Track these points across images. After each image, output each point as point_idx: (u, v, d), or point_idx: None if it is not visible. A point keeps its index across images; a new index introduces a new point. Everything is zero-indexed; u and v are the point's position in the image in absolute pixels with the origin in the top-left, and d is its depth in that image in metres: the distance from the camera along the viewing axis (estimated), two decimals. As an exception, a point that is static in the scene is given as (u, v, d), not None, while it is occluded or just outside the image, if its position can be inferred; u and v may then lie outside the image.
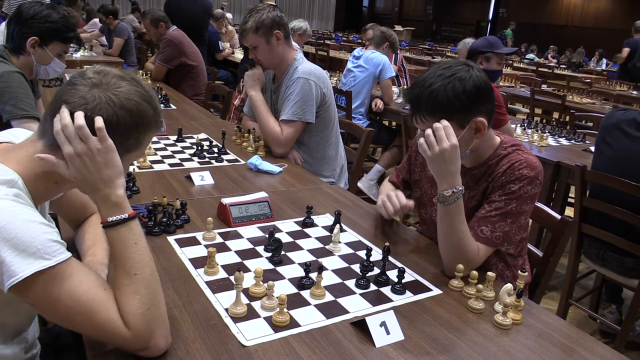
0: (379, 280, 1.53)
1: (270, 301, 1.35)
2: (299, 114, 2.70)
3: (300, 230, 1.86)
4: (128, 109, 1.12)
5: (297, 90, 2.69)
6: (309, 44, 11.69)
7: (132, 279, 1.10)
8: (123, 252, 1.12)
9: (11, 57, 2.52)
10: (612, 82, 8.97)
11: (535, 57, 15.13)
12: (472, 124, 1.61)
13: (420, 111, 1.62)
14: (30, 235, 1.00)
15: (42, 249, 1.01)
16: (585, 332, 1.41)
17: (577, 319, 3.15)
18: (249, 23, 2.68)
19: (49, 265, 1.01)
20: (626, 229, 2.43)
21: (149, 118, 1.17)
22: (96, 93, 1.11)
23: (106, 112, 1.10)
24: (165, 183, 2.20)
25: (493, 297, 1.49)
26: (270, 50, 2.73)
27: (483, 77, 1.62)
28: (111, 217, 1.13)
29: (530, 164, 1.67)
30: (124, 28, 7.28)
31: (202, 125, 3.31)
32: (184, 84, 4.79)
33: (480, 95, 1.59)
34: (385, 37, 5.11)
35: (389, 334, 1.28)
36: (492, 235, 1.65)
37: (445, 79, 1.58)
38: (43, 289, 1.01)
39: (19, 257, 0.98)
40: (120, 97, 1.12)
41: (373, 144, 5.31)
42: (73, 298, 1.03)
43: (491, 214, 1.66)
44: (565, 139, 4.07)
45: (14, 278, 0.98)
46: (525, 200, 1.66)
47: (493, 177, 1.71)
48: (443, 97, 1.56)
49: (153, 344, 1.10)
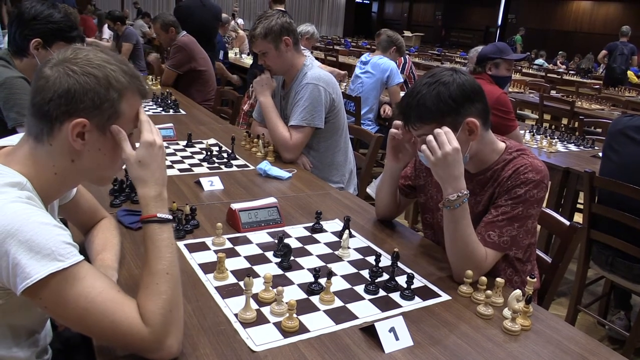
0: (388, 286, 1.53)
1: (279, 306, 1.36)
2: (307, 120, 2.71)
3: (310, 236, 1.86)
4: (90, 74, 1.12)
5: (306, 96, 2.71)
6: (318, 49, 11.74)
7: (164, 278, 1.13)
8: (161, 250, 1.15)
9: (14, 60, 2.47)
10: (621, 88, 8.94)
11: (544, 63, 15.09)
12: (465, 126, 1.63)
13: (410, 120, 1.66)
14: (44, 237, 1.02)
15: (56, 251, 1.02)
16: (594, 339, 1.40)
17: (585, 325, 3.14)
18: (258, 29, 2.69)
19: (63, 267, 1.01)
20: (635, 235, 2.42)
21: (121, 82, 1.16)
22: (57, 69, 1.12)
23: (68, 83, 1.10)
24: (174, 188, 2.22)
25: (502, 303, 1.49)
26: (279, 57, 2.75)
27: (468, 79, 1.64)
28: (161, 213, 1.18)
29: (535, 168, 1.67)
30: (132, 33, 7.32)
31: (212, 130, 3.32)
32: (192, 90, 4.81)
33: (465, 96, 1.62)
34: (392, 42, 5.11)
35: (398, 340, 1.28)
36: (500, 240, 1.66)
37: (430, 85, 1.62)
38: (56, 291, 1.02)
39: (34, 260, 0.99)
40: (80, 65, 1.12)
41: (382, 149, 5.31)
42: (87, 299, 1.04)
43: (498, 218, 1.67)
44: (574, 145, 4.06)
45: (28, 280, 0.99)
46: (531, 204, 1.66)
47: (499, 182, 1.71)
48: (429, 102, 1.60)
49: (167, 345, 1.11)
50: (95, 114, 1.13)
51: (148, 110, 3.65)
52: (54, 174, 1.17)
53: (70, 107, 1.11)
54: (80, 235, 1.58)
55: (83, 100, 1.11)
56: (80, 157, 1.17)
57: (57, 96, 1.10)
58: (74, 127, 1.12)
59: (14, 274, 1.00)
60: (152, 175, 1.20)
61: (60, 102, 1.10)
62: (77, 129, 1.12)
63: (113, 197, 2.00)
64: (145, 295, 1.11)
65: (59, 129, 1.12)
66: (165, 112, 3.77)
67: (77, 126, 1.12)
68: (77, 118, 1.12)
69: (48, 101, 1.11)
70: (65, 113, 1.11)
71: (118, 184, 2.02)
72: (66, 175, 1.19)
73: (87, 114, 1.12)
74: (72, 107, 1.11)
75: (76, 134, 1.12)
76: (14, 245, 0.99)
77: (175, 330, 1.13)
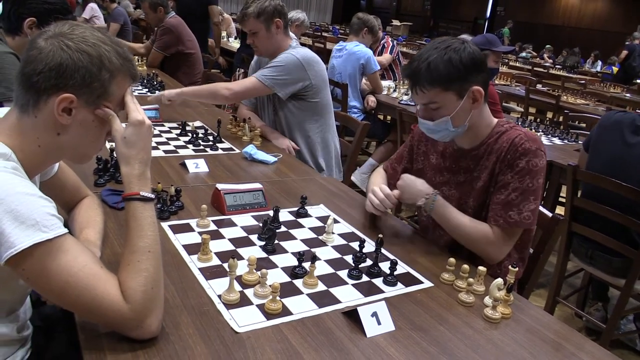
0: (372, 272, 1.54)
1: (263, 289, 1.36)
2: (268, 78, 2.72)
3: (294, 220, 1.86)
4: (85, 51, 1.12)
5: (280, 60, 2.74)
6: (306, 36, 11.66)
7: (145, 255, 1.13)
8: (144, 227, 1.16)
9: (6, 37, 2.46)
10: (606, 84, 9.04)
11: (529, 55, 15.22)
12: (470, 93, 1.68)
13: (419, 83, 1.68)
14: (30, 207, 1.01)
15: (41, 222, 1.01)
16: (569, 327, 1.43)
17: (563, 316, 3.18)
18: (251, 8, 2.70)
19: (47, 238, 1.01)
20: (615, 229, 2.46)
21: (114, 63, 1.16)
22: (51, 42, 1.12)
23: (61, 57, 1.10)
24: (159, 169, 2.20)
25: (483, 292, 1.51)
26: (269, 38, 2.76)
27: (477, 49, 1.71)
28: (144, 192, 1.18)
29: (530, 137, 1.72)
30: (120, 13, 7.20)
31: (198, 113, 3.30)
32: (179, 72, 4.77)
33: (475, 64, 1.68)
34: (363, 22, 4.96)
35: (380, 325, 1.29)
36: (520, 217, 1.69)
37: (441, 50, 1.67)
38: (40, 262, 1.02)
39: (18, 229, 0.99)
40: (75, 41, 1.12)
41: (368, 137, 5.29)
42: (70, 272, 1.04)
43: (512, 196, 1.70)
44: (558, 138, 4.10)
45: (12, 249, 0.98)
46: (537, 173, 1.70)
47: (498, 157, 1.74)
48: (441, 67, 1.64)
49: (147, 323, 1.11)
50: (84, 92, 1.13)
51: (134, 92, 3.60)
52: (38, 147, 1.17)
53: (60, 82, 1.11)
54: (63, 214, 1.56)
55: (74, 76, 1.11)
56: (65, 132, 1.16)
57: (48, 69, 1.10)
58: (61, 102, 1.11)
59: None
60: (137, 154, 1.20)
61: (51, 75, 1.10)
62: (64, 104, 1.12)
63: (97, 177, 1.98)
64: (126, 273, 1.11)
65: (45, 102, 1.12)
66: (151, 93, 3.73)
67: (64, 101, 1.11)
68: (64, 93, 1.11)
69: (38, 73, 1.10)
70: (53, 87, 1.11)
71: (102, 164, 2.00)
72: (50, 149, 1.18)
73: (76, 90, 1.12)
74: (61, 81, 1.11)
75: (62, 109, 1.12)
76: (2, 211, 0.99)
77: (156, 309, 1.13)
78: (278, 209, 1.78)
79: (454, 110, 1.69)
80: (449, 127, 1.72)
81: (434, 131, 1.76)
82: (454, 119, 1.70)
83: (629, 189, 2.34)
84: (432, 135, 1.80)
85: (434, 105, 1.70)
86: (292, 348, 1.19)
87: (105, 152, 2.12)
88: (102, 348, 1.11)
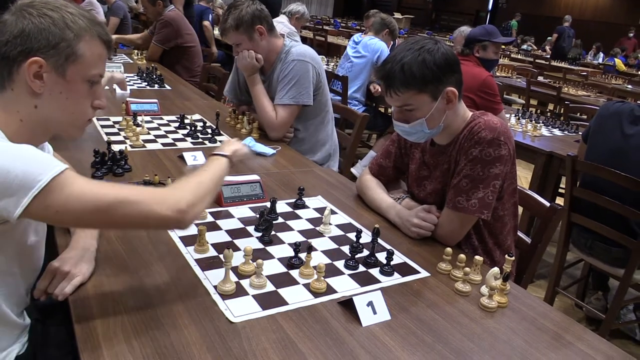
0: (368, 262, 1.54)
1: (259, 279, 1.36)
2: (295, 97, 2.68)
3: (292, 212, 1.86)
4: (46, 15, 1.15)
5: (292, 73, 2.67)
6: (307, 29, 11.65)
7: (207, 184, 1.33)
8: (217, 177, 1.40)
9: None
10: (608, 76, 9.01)
11: (529, 47, 15.21)
12: (444, 94, 1.67)
13: (394, 85, 1.67)
14: (35, 154, 1.08)
15: (52, 163, 1.07)
16: (568, 317, 1.43)
17: (563, 307, 3.18)
18: (229, 21, 2.61)
19: (61, 170, 1.07)
20: (615, 220, 2.45)
21: (78, 24, 1.18)
22: (15, 13, 1.15)
23: (23, 24, 1.13)
24: (157, 162, 2.20)
25: (480, 281, 1.50)
26: (255, 47, 2.67)
27: (449, 49, 1.70)
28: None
29: (488, 126, 1.69)
30: (120, 7, 7.15)
31: (197, 106, 3.30)
32: (179, 66, 4.76)
33: (449, 65, 1.66)
34: (385, 24, 5.11)
35: (376, 314, 1.29)
36: (468, 203, 1.69)
37: (414, 52, 1.65)
38: (66, 190, 1.07)
39: (33, 167, 1.04)
40: (37, 8, 1.16)
41: (368, 130, 5.31)
42: (93, 189, 1.11)
43: (462, 183, 1.70)
44: (558, 129, 4.08)
45: (34, 189, 1.02)
46: (490, 163, 1.67)
47: (460, 146, 1.74)
48: (414, 68, 1.62)
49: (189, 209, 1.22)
50: (52, 54, 1.15)
51: (133, 85, 3.61)
52: (20, 121, 1.19)
53: (26, 47, 1.13)
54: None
55: (38, 39, 1.14)
56: (42, 101, 1.18)
57: (13, 37, 1.13)
58: (30, 66, 1.14)
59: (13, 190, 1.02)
60: None
61: (16, 43, 1.13)
62: (34, 68, 1.14)
63: (94, 170, 1.98)
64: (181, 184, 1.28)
65: (17, 71, 1.15)
66: (150, 87, 3.72)
67: (33, 65, 1.14)
68: (33, 57, 1.13)
69: (5, 43, 1.13)
70: (21, 53, 1.13)
71: (100, 156, 2.00)
72: (32, 123, 1.20)
73: (43, 53, 1.14)
74: (27, 46, 1.13)
75: (33, 74, 1.14)
76: (8, 160, 1.03)
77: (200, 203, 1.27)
78: (275, 200, 1.78)
79: (429, 112, 1.67)
80: (424, 129, 1.71)
81: (410, 133, 1.76)
82: (428, 121, 1.69)
83: (627, 178, 2.34)
84: (407, 137, 1.80)
85: (409, 107, 1.69)
86: (287, 337, 1.19)
87: (103, 144, 2.12)
88: (97, 338, 1.12)
